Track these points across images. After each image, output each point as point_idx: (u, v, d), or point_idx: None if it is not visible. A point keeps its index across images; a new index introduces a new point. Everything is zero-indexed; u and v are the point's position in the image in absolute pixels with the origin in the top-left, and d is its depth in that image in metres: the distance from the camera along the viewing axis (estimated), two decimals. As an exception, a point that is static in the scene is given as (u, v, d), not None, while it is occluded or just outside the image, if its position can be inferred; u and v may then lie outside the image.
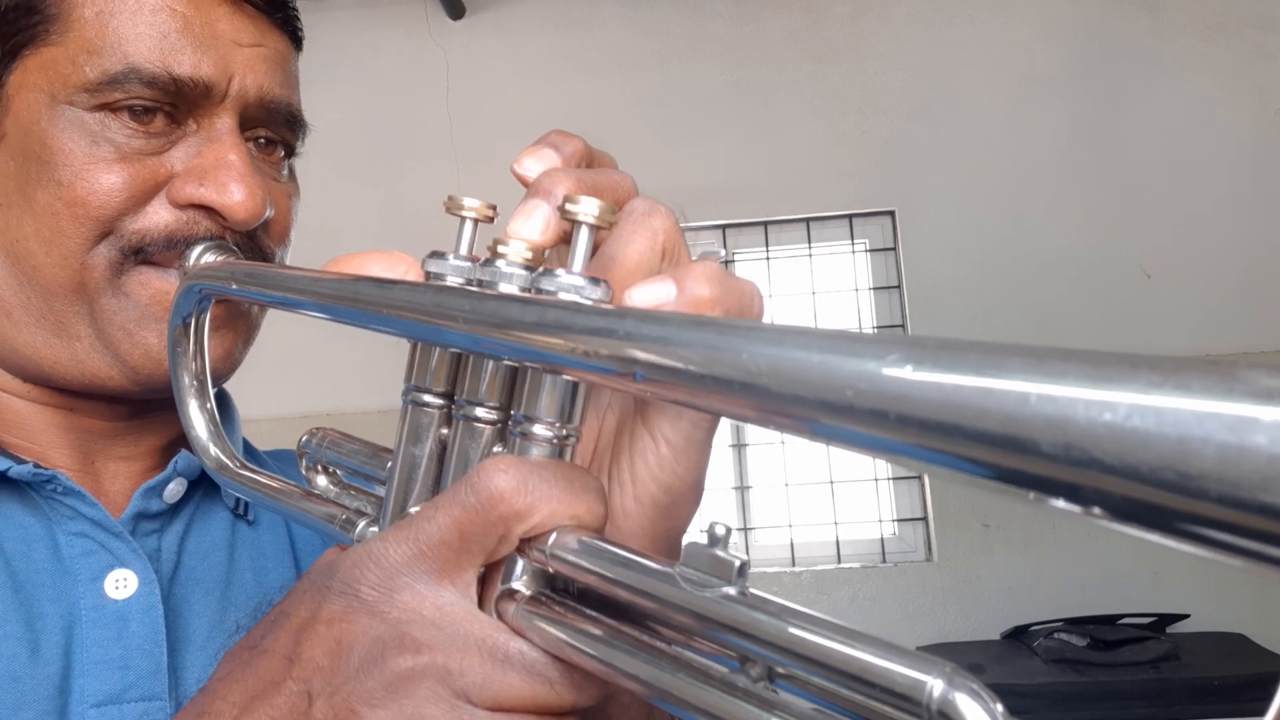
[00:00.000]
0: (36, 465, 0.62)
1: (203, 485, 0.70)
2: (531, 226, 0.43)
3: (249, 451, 0.80)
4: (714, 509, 3.21)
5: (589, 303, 0.39)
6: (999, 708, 0.28)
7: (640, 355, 0.32)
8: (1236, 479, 0.18)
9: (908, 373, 0.23)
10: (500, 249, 0.42)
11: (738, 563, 0.34)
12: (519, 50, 3.43)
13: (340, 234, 2.82)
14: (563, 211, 0.40)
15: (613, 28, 3.42)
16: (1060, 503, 0.22)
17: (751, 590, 0.34)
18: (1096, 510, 0.22)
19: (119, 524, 0.63)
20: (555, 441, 0.42)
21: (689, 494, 0.45)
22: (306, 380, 3.17)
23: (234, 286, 0.55)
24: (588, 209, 0.40)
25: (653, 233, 0.43)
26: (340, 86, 3.37)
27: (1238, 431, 0.18)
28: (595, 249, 0.43)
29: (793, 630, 0.31)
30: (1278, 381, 0.18)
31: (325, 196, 3.08)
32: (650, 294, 0.40)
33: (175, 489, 0.67)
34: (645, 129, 3.29)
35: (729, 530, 0.35)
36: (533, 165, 0.45)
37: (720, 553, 0.34)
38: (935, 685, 0.28)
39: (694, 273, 0.41)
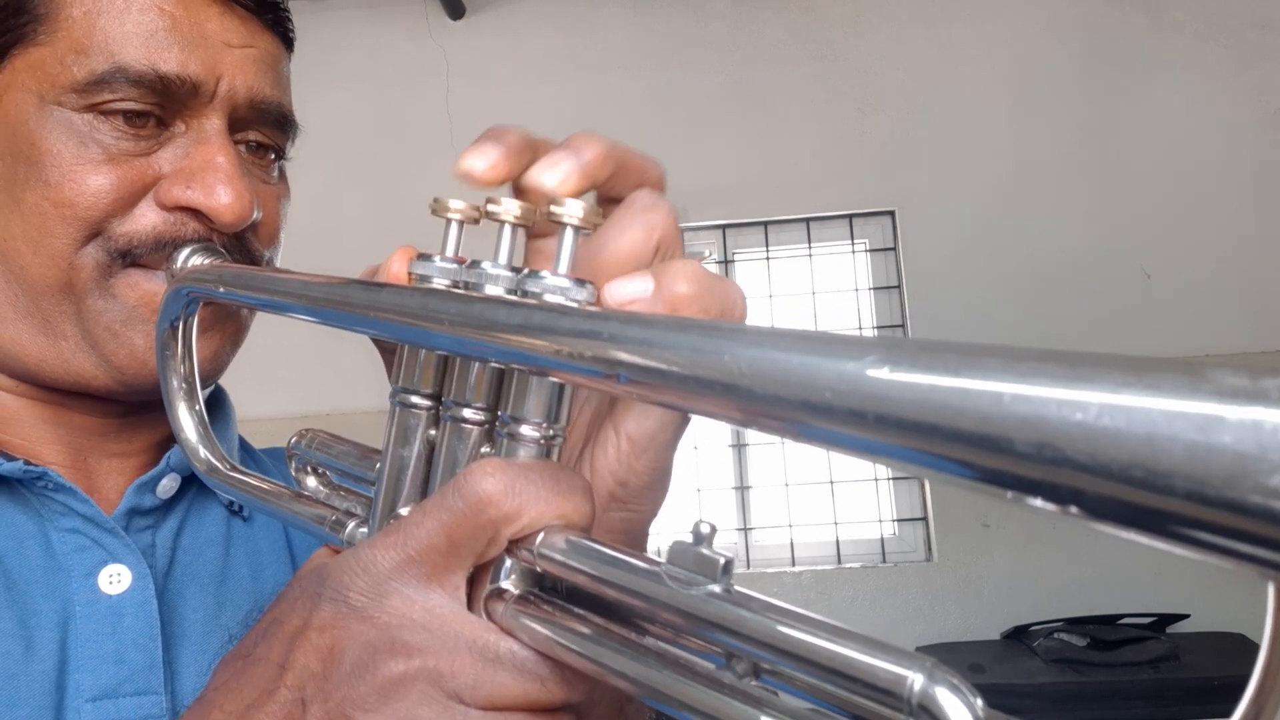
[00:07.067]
0: (27, 462, 0.62)
1: (197, 481, 0.70)
2: (552, 175, 0.42)
3: (244, 449, 0.80)
4: (714, 509, 3.21)
5: (574, 305, 0.39)
6: (979, 702, 0.28)
7: (624, 357, 0.33)
8: (1204, 477, 0.18)
9: (885, 374, 0.24)
10: (491, 208, 0.42)
11: (723, 560, 0.34)
12: (519, 50, 3.43)
13: (340, 234, 2.82)
14: (549, 214, 0.40)
15: (613, 28, 3.42)
16: (1037, 501, 0.23)
17: (736, 588, 0.34)
18: (1073, 509, 0.22)
19: (111, 520, 0.64)
20: (542, 442, 0.42)
21: (645, 491, 0.45)
22: (307, 380, 3.17)
23: (222, 290, 0.55)
24: (572, 210, 0.40)
25: (649, 226, 0.43)
26: (340, 86, 3.37)
27: (1204, 430, 0.18)
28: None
29: (777, 627, 0.32)
30: (1243, 380, 0.18)
31: (325, 196, 3.09)
32: (627, 288, 0.40)
33: (169, 484, 0.68)
34: (645, 129, 3.29)
35: (714, 528, 0.35)
36: (478, 162, 0.43)
37: (705, 551, 0.34)
38: (916, 680, 0.28)
39: (673, 270, 0.41)
